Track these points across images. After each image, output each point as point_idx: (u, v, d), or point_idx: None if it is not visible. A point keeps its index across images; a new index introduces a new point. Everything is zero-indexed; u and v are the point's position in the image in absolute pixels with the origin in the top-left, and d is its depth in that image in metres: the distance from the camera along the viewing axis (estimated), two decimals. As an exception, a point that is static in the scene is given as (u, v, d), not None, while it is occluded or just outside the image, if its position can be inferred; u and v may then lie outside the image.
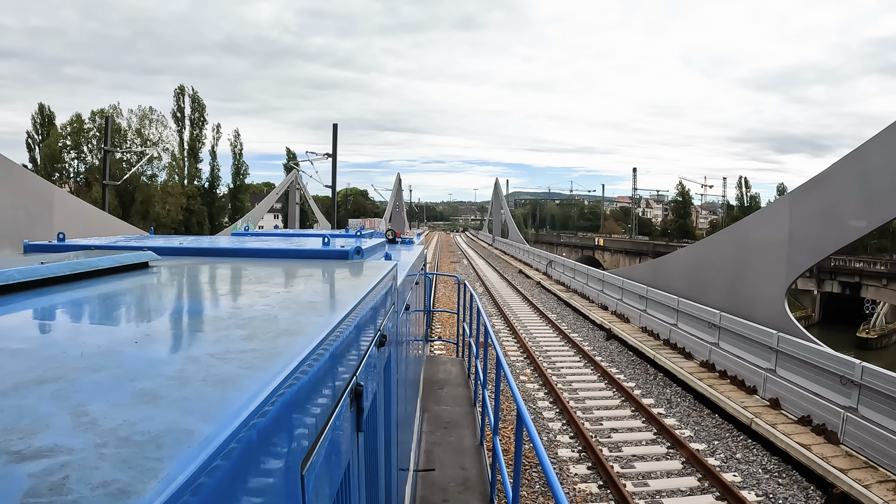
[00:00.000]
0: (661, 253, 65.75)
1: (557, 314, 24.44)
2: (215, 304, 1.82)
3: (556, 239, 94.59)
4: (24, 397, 0.78)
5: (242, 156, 71.15)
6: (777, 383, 12.07)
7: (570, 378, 14.73)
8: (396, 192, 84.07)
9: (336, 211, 29.04)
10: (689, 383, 13.66)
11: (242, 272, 2.50)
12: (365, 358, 1.74)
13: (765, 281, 14.58)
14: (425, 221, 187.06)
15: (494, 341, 6.02)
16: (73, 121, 59.57)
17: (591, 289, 27.23)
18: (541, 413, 12.08)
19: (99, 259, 2.04)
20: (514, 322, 21.79)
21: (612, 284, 24.44)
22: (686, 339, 16.37)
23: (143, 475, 0.58)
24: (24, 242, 3.00)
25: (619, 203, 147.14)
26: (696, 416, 12.20)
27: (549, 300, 28.88)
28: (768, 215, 16.18)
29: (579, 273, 30.64)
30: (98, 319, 1.44)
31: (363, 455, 1.75)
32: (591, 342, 19.10)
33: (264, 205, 48.85)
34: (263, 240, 4.87)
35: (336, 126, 26.77)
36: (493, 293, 30.22)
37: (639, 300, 20.95)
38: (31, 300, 1.53)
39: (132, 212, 56.28)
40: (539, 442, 3.45)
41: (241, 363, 1.00)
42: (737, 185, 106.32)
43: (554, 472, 3.06)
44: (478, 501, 5.29)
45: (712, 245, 18.70)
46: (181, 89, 63.98)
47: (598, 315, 22.67)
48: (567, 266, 34.23)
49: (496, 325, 21.43)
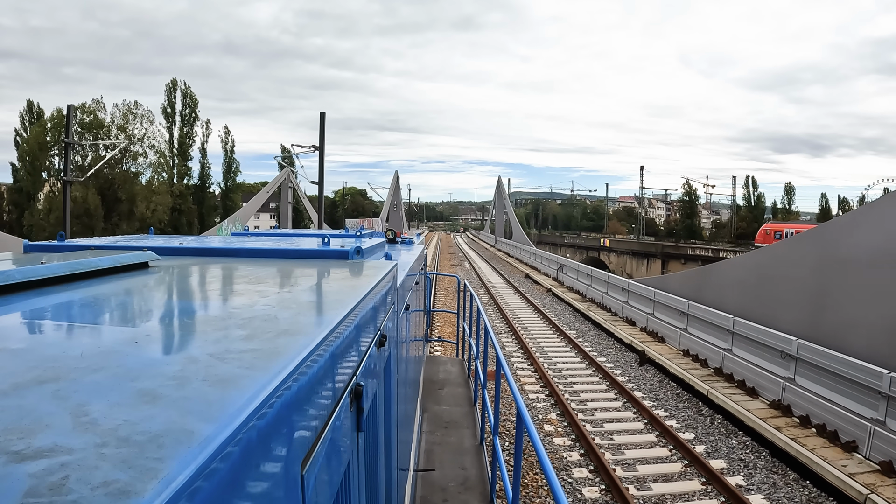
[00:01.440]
0: (670, 254, 63.63)
1: (577, 330, 20.94)
2: (215, 303, 1.81)
3: (559, 240, 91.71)
4: (24, 397, 0.78)
5: (234, 153, 67.93)
6: (890, 440, 8.86)
7: (609, 425, 11.47)
8: (394, 191, 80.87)
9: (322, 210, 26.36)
10: (763, 433, 10.49)
11: (242, 272, 2.50)
12: (365, 358, 1.74)
13: (865, 302, 11.27)
14: (425, 221, 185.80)
15: (494, 341, 6.03)
16: (55, 116, 54.52)
17: (613, 299, 23.58)
18: (579, 491, 8.78)
19: (99, 259, 2.04)
20: (527, 341, 18.59)
21: (639, 295, 20.79)
22: (747, 370, 13.04)
23: (143, 475, 0.58)
24: (24, 242, 3.01)
25: (622, 203, 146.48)
26: (781, 482, 9.10)
27: (563, 312, 25.23)
28: (871, 216, 12.12)
29: (597, 280, 26.64)
30: (98, 319, 1.44)
31: (363, 455, 1.74)
32: (623, 368, 15.89)
33: (253, 204, 46.52)
34: (263, 240, 4.88)
35: (323, 115, 24.28)
36: (500, 302, 26.86)
37: (678, 317, 17.39)
38: (31, 300, 1.53)
39: (116, 212, 53.35)
40: (539, 442, 3.45)
41: (241, 363, 0.99)
42: (744, 185, 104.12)
43: (554, 472, 3.06)
44: (478, 501, 5.30)
45: (782, 253, 15.14)
46: (173, 83, 60.35)
47: (626, 332, 19.18)
48: (582, 272, 30.03)
49: (507, 344, 18.46)
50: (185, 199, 60.77)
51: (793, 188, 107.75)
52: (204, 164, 64.16)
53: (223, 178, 67.56)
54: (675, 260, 59.94)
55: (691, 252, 59.24)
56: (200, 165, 63.94)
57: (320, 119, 24.21)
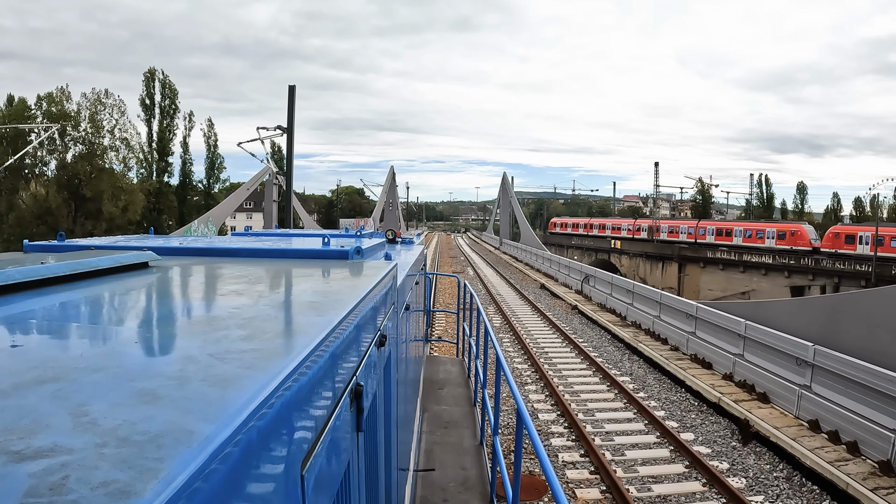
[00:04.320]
0: (687, 257, 59.63)
1: (630, 374, 14.99)
2: (215, 303, 1.81)
3: (566, 241, 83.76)
4: (24, 397, 0.78)
5: (218, 148, 61.51)
6: None
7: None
8: (389, 188, 73.00)
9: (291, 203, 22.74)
10: None
11: (242, 272, 2.51)
12: (365, 358, 1.74)
13: None
14: (424, 221, 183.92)
15: (494, 341, 6.02)
16: (15, 105, 49.10)
17: (668, 327, 17.64)
18: None
19: (99, 259, 2.04)
20: (563, 393, 12.90)
21: (714, 325, 15.13)
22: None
23: (143, 475, 0.58)
24: (25, 242, 3.01)
25: (627, 202, 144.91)
26: None
27: (602, 341, 19.10)
28: None
29: (642, 298, 20.44)
30: (98, 319, 1.44)
31: (363, 455, 1.74)
32: (724, 449, 10.28)
33: (230, 202, 41.38)
34: (263, 240, 4.88)
35: (293, 89, 20.09)
36: (517, 325, 20.77)
37: (794, 367, 11.77)
38: (31, 300, 1.53)
39: (83, 211, 48.06)
40: (539, 442, 3.45)
41: (241, 363, 1.00)
42: (756, 184, 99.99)
43: (554, 473, 3.06)
44: (478, 501, 5.30)
45: None
46: (151, 73, 55.21)
47: (703, 381, 13.25)
48: (618, 285, 23.49)
49: (533, 398, 12.90)
50: (164, 196, 56.22)
51: (805, 187, 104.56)
52: (186, 159, 59.24)
53: (206, 175, 62.05)
54: (692, 263, 57.31)
55: (711, 255, 55.97)
56: (182, 161, 58.84)
57: (289, 94, 20.14)
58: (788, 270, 47.64)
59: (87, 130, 48.84)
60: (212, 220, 33.28)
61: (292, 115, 20.12)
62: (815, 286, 45.35)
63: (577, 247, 78.70)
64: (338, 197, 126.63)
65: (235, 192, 42.47)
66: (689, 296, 40.10)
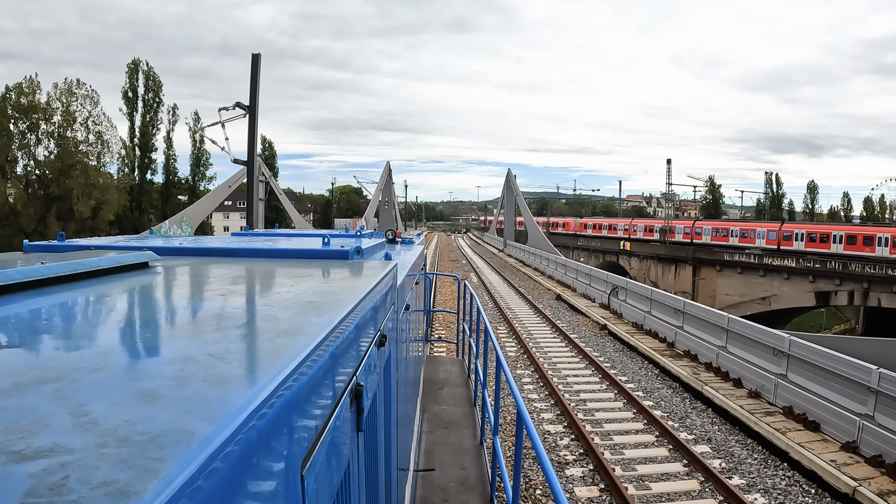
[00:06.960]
0: (702, 260, 56.09)
1: (708, 440, 10.31)
2: (215, 303, 1.82)
3: (572, 242, 78.64)
4: (24, 397, 0.78)
5: (204, 143, 55.96)
6: None
7: None
8: (385, 186, 67.92)
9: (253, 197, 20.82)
10: None
11: (242, 272, 2.51)
12: (365, 358, 1.74)
13: None
14: (423, 221, 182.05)
15: (494, 341, 6.03)
16: None
17: (741, 363, 13.01)
18: None
19: (99, 259, 2.04)
20: (623, 484, 8.37)
21: (826, 370, 10.43)
22: None
23: (143, 475, 0.58)
24: (25, 242, 3.01)
25: (630, 202, 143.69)
26: None
27: (649, 379, 14.33)
28: None
29: (697, 321, 16.06)
30: (98, 319, 1.44)
31: (363, 455, 1.74)
32: None
33: (208, 201, 38.23)
34: (263, 240, 4.88)
35: (257, 58, 17.79)
36: (536, 352, 16.40)
37: None
38: (31, 300, 1.53)
39: (52, 211, 44.94)
40: (539, 442, 3.45)
41: (241, 363, 1.00)
42: (766, 183, 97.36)
43: (554, 473, 3.06)
44: (478, 501, 5.30)
45: None
46: (135, 64, 51.71)
47: (820, 456, 8.92)
48: (661, 303, 18.82)
49: (576, 488, 8.56)
50: (147, 195, 53.31)
51: (816, 187, 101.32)
52: (169, 155, 55.55)
53: (191, 172, 57.48)
54: (708, 266, 54.71)
55: (728, 258, 53.10)
56: (165, 157, 55.25)
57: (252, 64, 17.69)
58: (813, 275, 45.19)
59: (58, 123, 45.73)
60: (186, 220, 30.28)
61: (256, 90, 17.87)
62: (841, 292, 43.38)
63: (584, 248, 74.86)
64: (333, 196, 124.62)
65: (215, 190, 39.59)
66: (704, 301, 37.64)
